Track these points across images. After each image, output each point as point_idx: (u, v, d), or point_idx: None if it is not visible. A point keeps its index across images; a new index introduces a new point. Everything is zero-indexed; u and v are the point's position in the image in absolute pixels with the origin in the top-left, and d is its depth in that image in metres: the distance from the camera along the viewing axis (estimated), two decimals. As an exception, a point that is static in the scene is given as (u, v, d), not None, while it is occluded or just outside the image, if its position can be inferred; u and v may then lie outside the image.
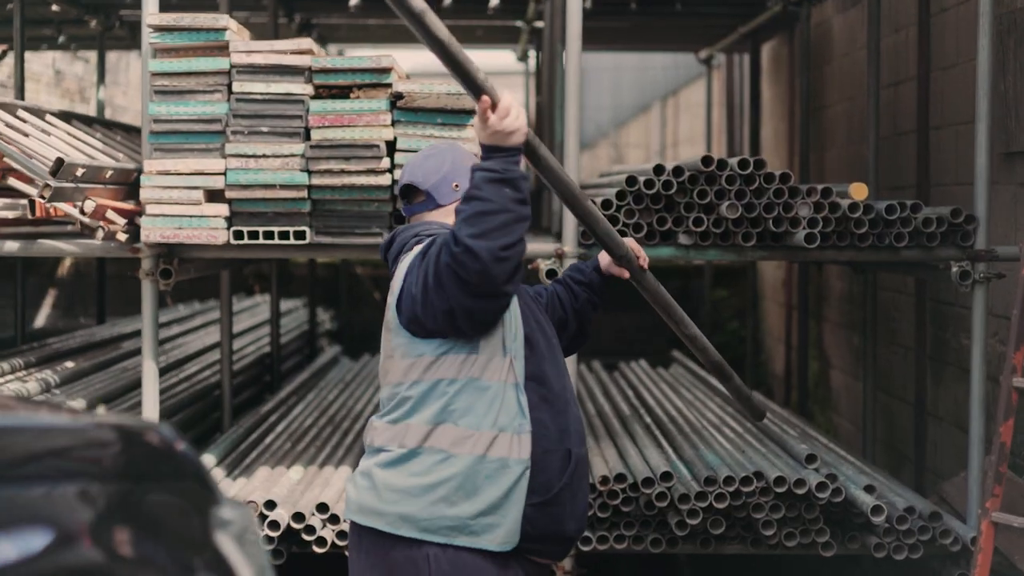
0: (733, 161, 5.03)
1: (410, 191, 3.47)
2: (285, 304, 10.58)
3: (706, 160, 5.02)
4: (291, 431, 6.37)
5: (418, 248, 3.25)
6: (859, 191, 5.15)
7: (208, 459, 5.42)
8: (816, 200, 5.06)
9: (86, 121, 6.39)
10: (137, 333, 7.32)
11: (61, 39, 9.15)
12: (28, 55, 8.21)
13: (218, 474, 5.33)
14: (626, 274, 3.75)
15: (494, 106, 3.04)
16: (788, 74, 10.04)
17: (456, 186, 3.37)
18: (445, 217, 3.38)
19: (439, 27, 2.88)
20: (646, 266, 3.79)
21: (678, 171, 5.06)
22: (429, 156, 3.45)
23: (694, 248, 5.15)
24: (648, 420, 6.31)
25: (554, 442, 3.23)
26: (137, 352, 6.83)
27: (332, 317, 11.27)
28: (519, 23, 10.13)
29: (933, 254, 5.19)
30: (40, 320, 8.94)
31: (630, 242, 3.71)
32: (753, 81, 10.23)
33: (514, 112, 3.06)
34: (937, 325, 6.42)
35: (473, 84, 3.02)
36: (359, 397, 7.53)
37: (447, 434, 3.18)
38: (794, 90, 9.54)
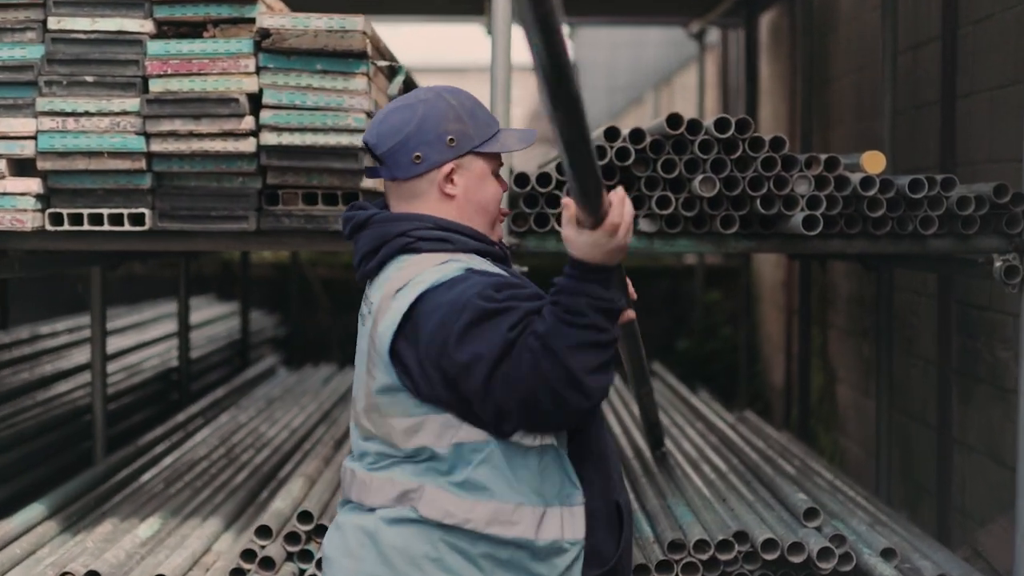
0: (709, 122, 3.84)
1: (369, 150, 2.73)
2: (219, 309, 9.43)
3: (673, 120, 3.84)
4: (176, 466, 5.18)
5: (425, 278, 2.53)
6: (873, 162, 3.96)
7: (35, 511, 4.23)
8: (818, 173, 3.89)
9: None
10: None
11: None
12: None
13: (45, 530, 4.14)
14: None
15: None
16: (788, 48, 9.04)
17: (417, 158, 2.62)
18: (410, 201, 2.65)
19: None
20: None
21: (637, 135, 3.88)
22: (396, 109, 2.68)
23: (659, 237, 3.98)
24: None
25: (598, 496, 2.62)
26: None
27: (278, 323, 10.10)
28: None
29: (970, 244, 4.02)
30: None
31: None
32: (749, 57, 9.31)
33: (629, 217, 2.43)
34: (965, 333, 5.39)
35: (598, 187, 2.30)
36: (278, 419, 6.36)
37: (479, 511, 2.52)
38: (795, 65, 8.56)
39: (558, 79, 2.02)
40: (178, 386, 6.95)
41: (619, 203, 2.38)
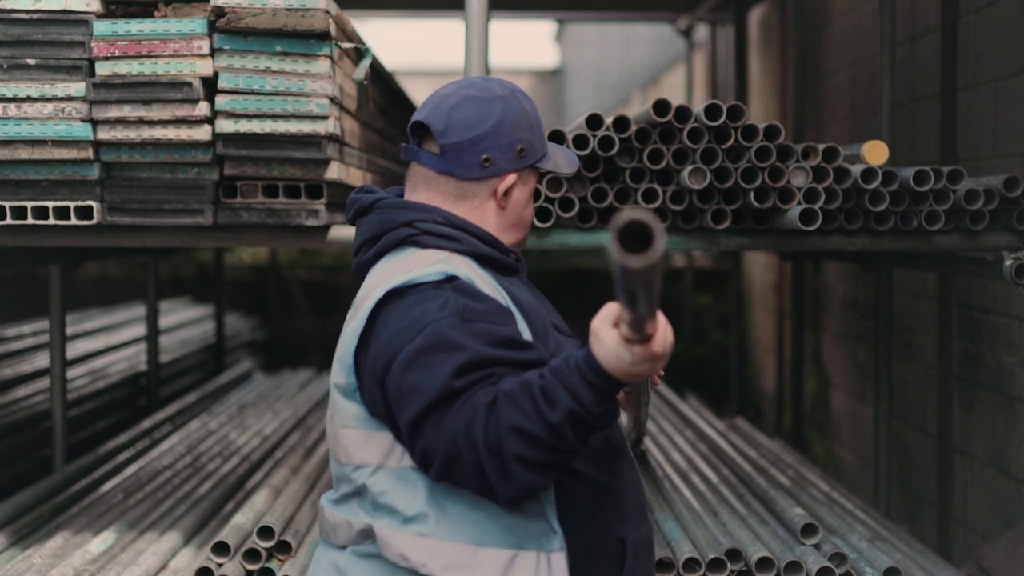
0: (699, 109, 3.58)
1: (422, 132, 2.42)
2: (194, 311, 9.15)
3: (660, 107, 3.57)
4: (139, 476, 4.91)
5: (411, 279, 2.26)
6: (876, 153, 3.70)
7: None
8: (816, 164, 3.63)
9: None
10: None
11: None
12: None
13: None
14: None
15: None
16: (779, 44, 8.79)
17: (487, 160, 2.36)
18: (455, 201, 2.39)
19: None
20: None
21: (621, 123, 3.62)
22: (471, 99, 2.39)
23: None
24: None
25: (600, 532, 2.30)
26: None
27: (257, 326, 9.83)
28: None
29: (978, 241, 3.77)
30: None
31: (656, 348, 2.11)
32: (739, 54, 9.03)
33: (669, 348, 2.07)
34: (968, 337, 5.15)
35: (653, 309, 1.96)
36: (250, 426, 6.08)
37: (436, 554, 2.21)
38: (786, 61, 8.34)
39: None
40: (147, 391, 6.66)
41: (663, 332, 2.04)
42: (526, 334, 2.29)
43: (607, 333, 2.01)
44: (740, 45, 9.11)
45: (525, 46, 35.16)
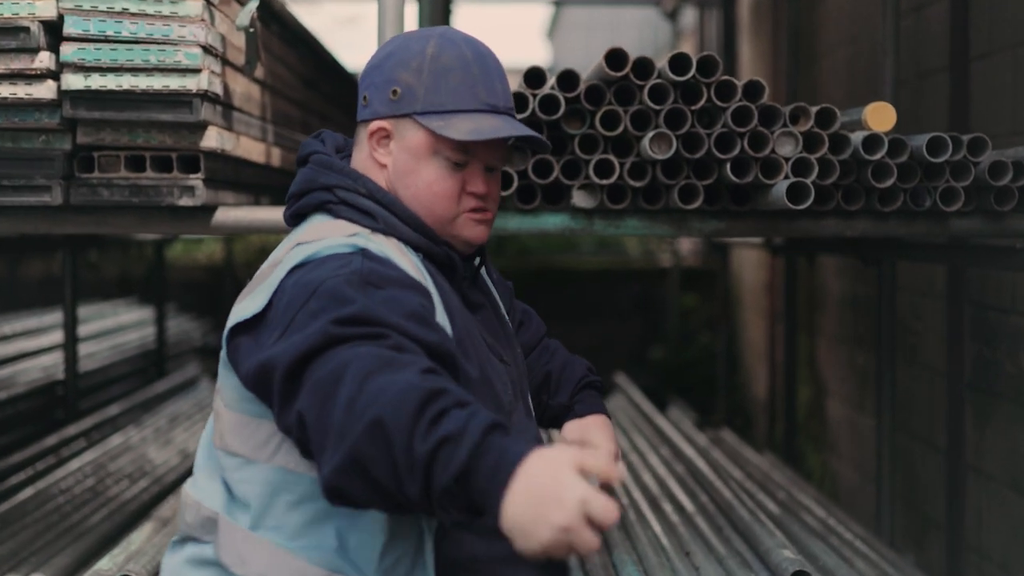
0: (662, 63, 2.92)
1: None
2: (137, 314, 8.52)
3: (614, 58, 2.91)
4: (28, 502, 4.25)
5: (308, 251, 1.98)
6: (881, 116, 3.06)
7: None
8: (807, 130, 2.97)
9: None
10: None
11: None
12: None
13: None
14: None
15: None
16: (771, 25, 8.37)
17: (364, 99, 2.13)
18: (357, 148, 2.16)
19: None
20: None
21: (568, 80, 2.96)
22: (396, 36, 2.20)
23: (600, 215, 3.06)
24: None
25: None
26: None
27: (210, 330, 9.19)
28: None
29: (1005, 225, 3.13)
30: None
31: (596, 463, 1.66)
32: (728, 37, 8.71)
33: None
34: (981, 340, 4.69)
35: None
36: (173, 440, 5.44)
37: (280, 570, 1.96)
38: (778, 44, 7.89)
39: None
40: (64, 402, 5.99)
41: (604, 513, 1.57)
42: (442, 324, 1.99)
43: (552, 491, 1.56)
44: (729, 28, 8.83)
45: (517, 44, 34.68)
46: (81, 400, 6.21)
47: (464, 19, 30.04)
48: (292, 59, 4.08)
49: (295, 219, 2.15)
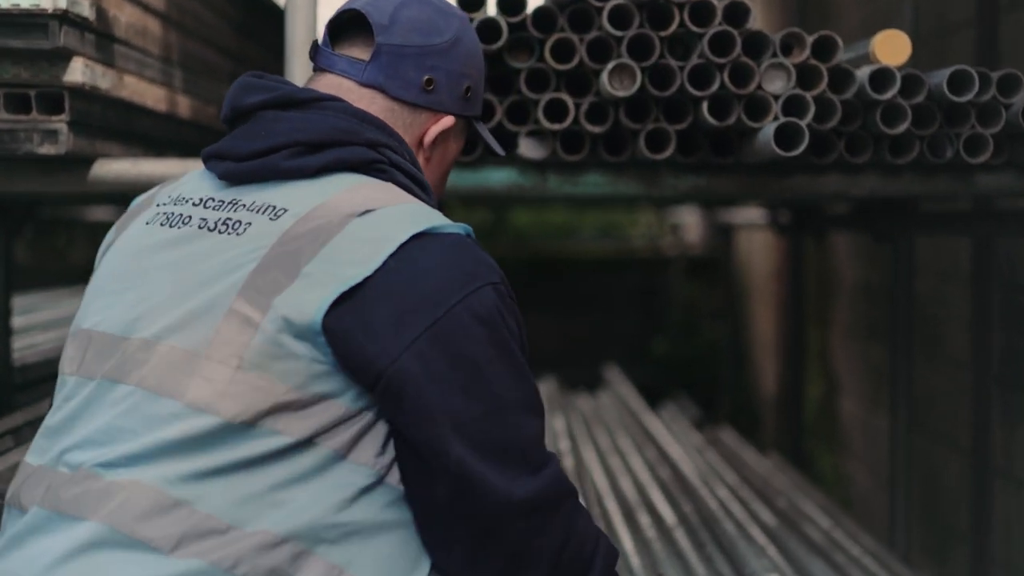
0: (626, -21, 2.41)
1: (347, 32, 1.87)
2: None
3: (566, -28, 2.39)
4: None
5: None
6: (891, 47, 2.55)
7: None
8: (802, 62, 2.45)
9: None
10: None
11: None
12: None
13: None
14: None
15: None
16: None
17: (429, 83, 1.84)
18: (412, 142, 1.86)
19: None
20: None
21: (511, 2, 2.44)
22: (426, 3, 1.87)
23: (553, 169, 2.57)
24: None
25: None
26: None
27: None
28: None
29: (1043, 181, 2.61)
30: None
31: None
32: None
33: None
34: (1013, 328, 4.38)
35: None
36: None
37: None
38: (787, 6, 7.58)
39: None
40: (-7, 399, 5.55)
41: None
42: None
43: None
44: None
45: None
46: (17, 395, 5.78)
47: None
48: (227, 5, 3.62)
49: (317, 172, 1.76)
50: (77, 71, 2.38)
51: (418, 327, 1.61)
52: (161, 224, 1.77)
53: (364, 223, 1.66)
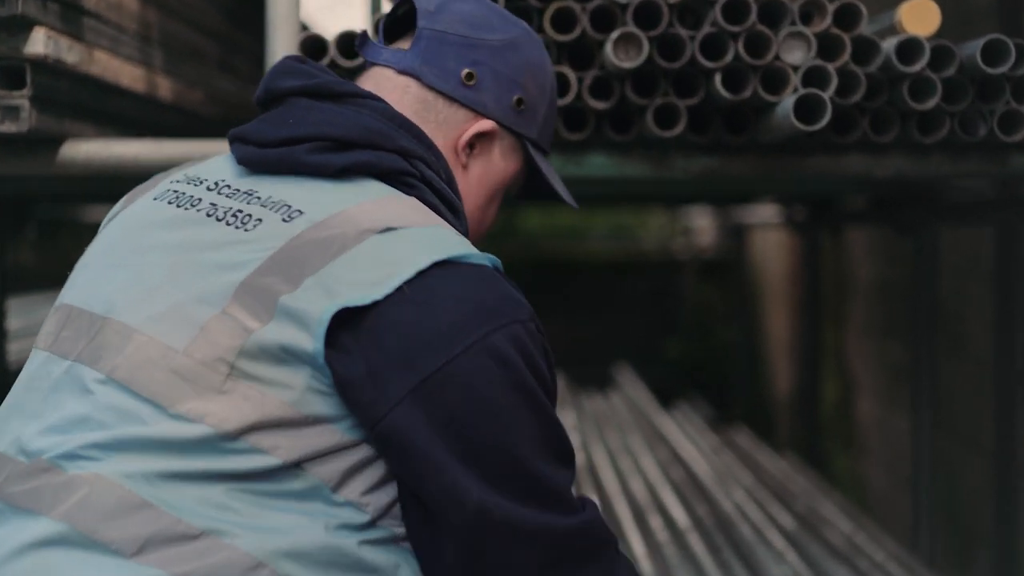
0: (632, -59, 2.24)
1: (405, 24, 1.76)
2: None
3: (566, -67, 2.23)
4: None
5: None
6: (920, 16, 2.37)
7: None
8: (823, 30, 2.29)
9: None
10: None
11: None
12: None
13: None
14: None
15: None
16: None
17: (470, 76, 1.70)
18: (445, 143, 1.71)
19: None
20: None
21: (508, -33, 2.28)
22: (489, 5, 1.77)
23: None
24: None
25: None
26: None
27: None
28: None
29: (1083, 161, 2.44)
30: None
31: None
32: None
33: None
34: None
35: None
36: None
37: None
38: None
39: None
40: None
41: None
42: None
43: None
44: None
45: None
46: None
47: None
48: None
49: (337, 173, 1.61)
50: (39, 42, 2.21)
51: (426, 368, 1.44)
52: (168, 202, 1.62)
53: (382, 242, 1.51)
